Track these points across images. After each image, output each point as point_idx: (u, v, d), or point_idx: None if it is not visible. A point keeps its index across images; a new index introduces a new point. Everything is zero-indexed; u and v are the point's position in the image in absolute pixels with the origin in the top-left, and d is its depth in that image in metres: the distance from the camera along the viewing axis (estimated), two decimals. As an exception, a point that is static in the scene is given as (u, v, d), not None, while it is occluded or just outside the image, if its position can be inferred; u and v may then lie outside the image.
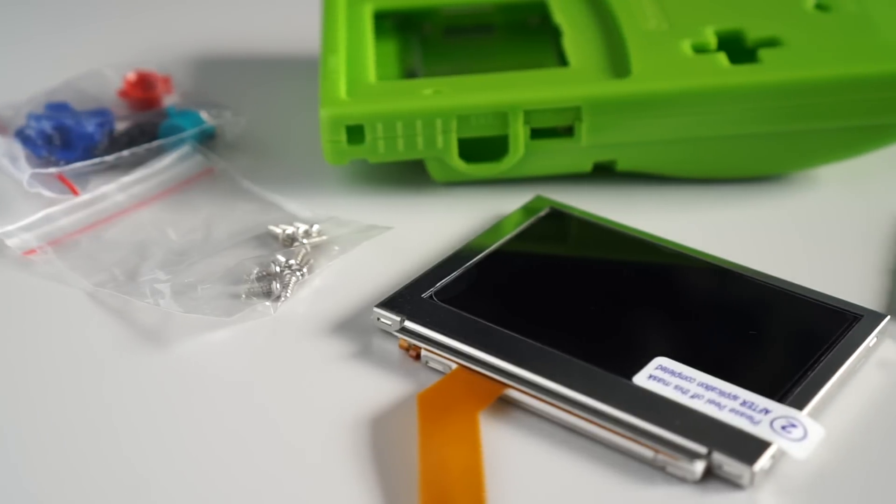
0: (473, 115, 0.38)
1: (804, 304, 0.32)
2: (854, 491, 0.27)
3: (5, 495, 0.27)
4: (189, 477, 0.28)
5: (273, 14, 0.53)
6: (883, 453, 0.28)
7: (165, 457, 0.28)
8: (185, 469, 0.28)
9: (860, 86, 0.37)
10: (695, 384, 0.29)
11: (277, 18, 0.53)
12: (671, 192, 0.39)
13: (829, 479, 0.28)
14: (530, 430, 0.29)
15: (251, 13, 0.54)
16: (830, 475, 0.28)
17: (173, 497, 0.27)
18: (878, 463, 0.28)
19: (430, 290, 0.33)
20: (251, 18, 0.53)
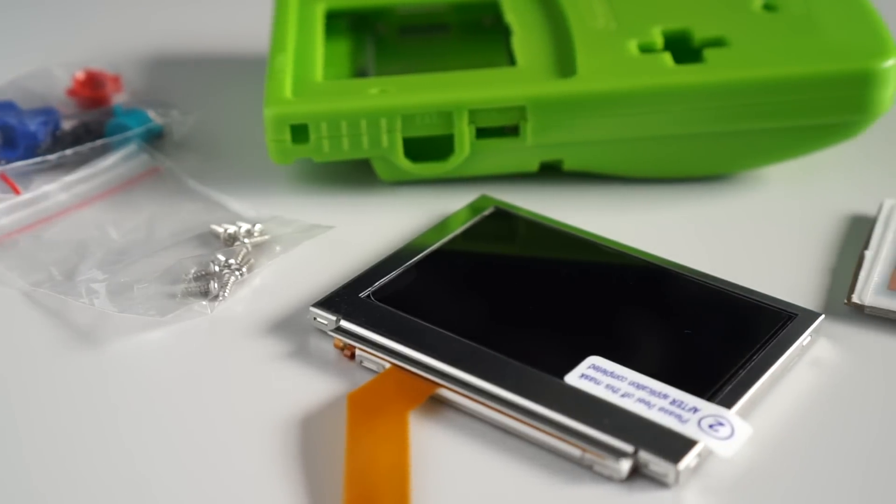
0: (418, 115, 0.38)
1: (740, 303, 0.32)
2: (779, 490, 0.27)
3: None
4: (120, 476, 0.28)
5: (226, 13, 0.53)
6: (809, 453, 0.28)
7: (97, 456, 0.28)
8: (116, 468, 0.28)
9: (803, 86, 0.37)
10: (626, 383, 0.29)
11: (230, 18, 0.53)
12: (618, 192, 0.39)
13: (755, 478, 0.28)
14: (462, 430, 0.29)
15: (204, 12, 0.53)
16: (757, 474, 0.28)
17: (102, 496, 0.27)
18: (803, 462, 0.28)
19: (368, 290, 0.33)
20: (204, 18, 0.53)
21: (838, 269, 0.35)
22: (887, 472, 0.28)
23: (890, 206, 0.37)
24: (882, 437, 0.29)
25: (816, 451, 0.28)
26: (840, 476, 0.28)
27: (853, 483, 0.28)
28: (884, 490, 0.27)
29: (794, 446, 0.29)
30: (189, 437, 0.29)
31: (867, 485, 0.28)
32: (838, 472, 0.28)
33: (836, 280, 0.35)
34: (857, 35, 0.39)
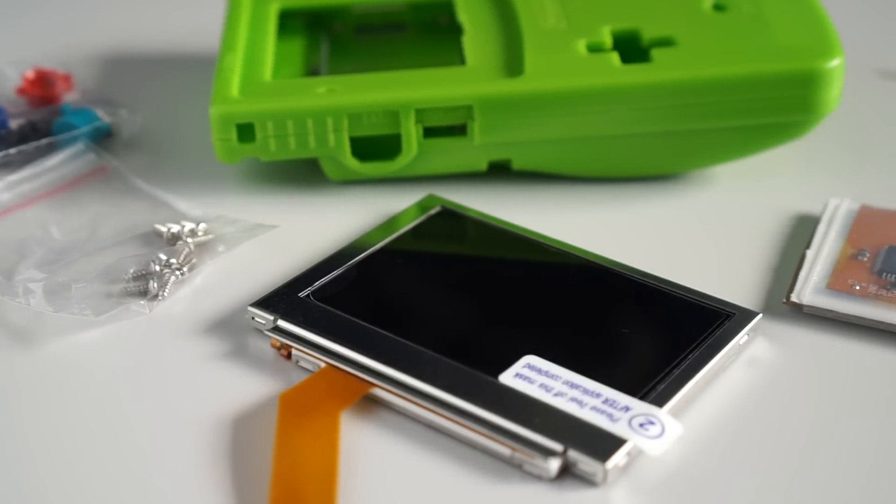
0: (365, 114, 0.38)
1: (679, 302, 0.32)
2: (707, 489, 0.27)
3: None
4: (51, 476, 0.28)
5: (179, 12, 0.53)
6: (739, 452, 0.28)
7: (29, 455, 0.28)
8: (48, 468, 0.28)
9: (749, 85, 0.37)
10: (560, 382, 0.29)
11: (184, 17, 0.52)
12: (567, 192, 0.39)
13: (684, 477, 0.28)
14: (395, 430, 0.29)
15: (157, 12, 0.53)
16: (686, 473, 0.28)
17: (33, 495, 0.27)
18: (733, 461, 0.28)
19: (308, 290, 0.33)
20: (157, 17, 0.53)
21: (780, 269, 0.35)
22: (817, 470, 0.28)
23: (834, 206, 0.37)
24: (813, 436, 0.29)
25: (747, 450, 0.29)
26: (769, 475, 0.28)
27: (782, 482, 0.28)
28: (813, 489, 0.27)
29: (725, 445, 0.29)
30: (120, 436, 0.29)
31: (796, 483, 0.28)
32: (768, 471, 0.28)
33: (777, 279, 0.35)
34: (804, 35, 0.39)
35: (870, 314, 0.32)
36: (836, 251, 0.35)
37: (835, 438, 0.29)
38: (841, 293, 0.33)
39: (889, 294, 0.33)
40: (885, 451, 0.29)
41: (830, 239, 0.35)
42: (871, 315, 0.32)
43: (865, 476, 0.28)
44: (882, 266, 0.34)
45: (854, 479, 0.28)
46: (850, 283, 0.33)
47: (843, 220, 0.36)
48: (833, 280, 0.33)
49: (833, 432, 0.29)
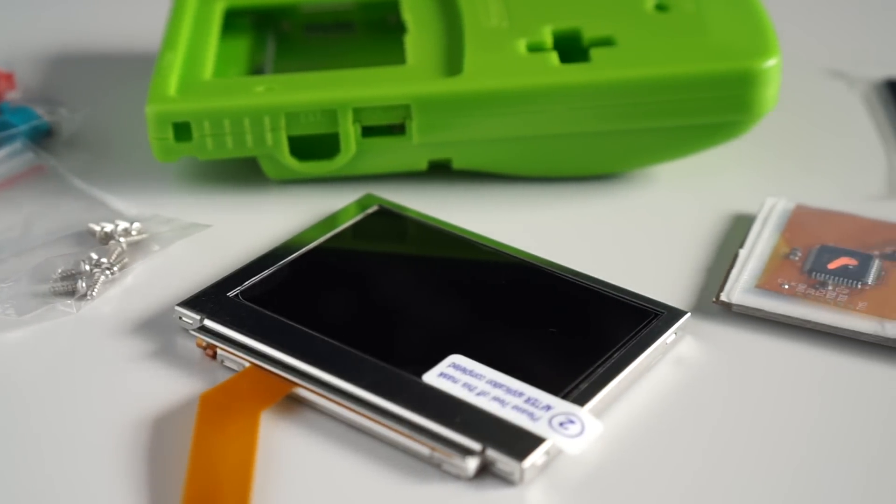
0: (302, 113, 0.38)
1: (608, 301, 0.33)
2: (626, 489, 0.27)
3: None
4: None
5: (125, 11, 0.53)
6: (660, 451, 0.29)
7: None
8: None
9: (686, 85, 0.37)
10: (483, 381, 0.29)
11: (130, 16, 0.52)
12: (508, 191, 0.39)
13: (604, 477, 0.28)
14: (317, 429, 0.29)
15: (102, 11, 0.53)
16: (606, 473, 0.28)
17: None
18: (653, 460, 0.28)
19: (237, 289, 0.33)
20: (102, 16, 0.52)
21: (714, 268, 0.35)
22: (738, 469, 0.28)
23: (770, 206, 0.37)
24: (735, 435, 0.29)
25: (667, 449, 0.29)
26: (689, 474, 0.28)
27: (701, 481, 0.28)
28: (733, 488, 0.27)
29: (646, 444, 0.29)
30: (38, 437, 0.29)
31: (715, 482, 0.28)
32: (687, 470, 0.28)
33: (710, 279, 0.35)
34: (742, 35, 0.39)
35: (797, 313, 0.32)
36: (769, 250, 0.35)
37: (757, 437, 0.29)
38: (770, 292, 0.33)
39: (817, 293, 0.33)
40: (808, 449, 0.29)
41: (764, 238, 0.36)
42: (798, 314, 0.32)
43: (789, 474, 0.28)
44: (812, 266, 0.34)
45: (777, 477, 0.28)
46: (779, 283, 0.33)
47: (777, 220, 0.36)
48: (763, 279, 0.34)
49: (755, 431, 0.29)
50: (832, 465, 0.28)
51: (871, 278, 0.33)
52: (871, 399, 0.30)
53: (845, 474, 0.28)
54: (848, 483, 0.28)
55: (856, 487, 0.28)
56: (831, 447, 0.29)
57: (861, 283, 0.33)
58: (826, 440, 0.29)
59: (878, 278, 0.33)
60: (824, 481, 0.28)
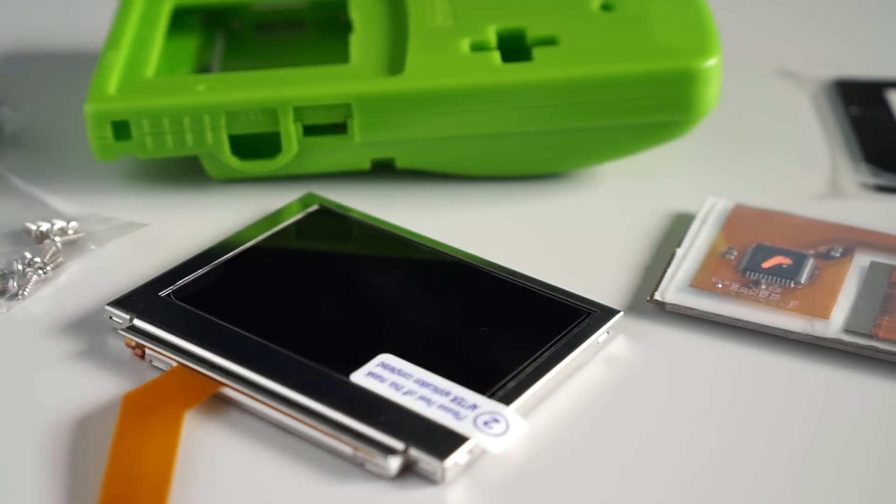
0: (242, 112, 0.37)
1: (541, 300, 0.33)
2: (549, 488, 0.27)
3: None
4: None
5: (70, 9, 0.52)
6: (586, 450, 0.28)
7: None
8: None
9: (627, 84, 0.37)
10: (411, 381, 0.29)
11: (76, 14, 0.52)
12: (452, 191, 0.39)
13: (528, 476, 0.28)
14: (243, 429, 0.29)
15: (47, 8, 0.52)
16: (530, 472, 0.28)
17: None
18: (579, 460, 0.28)
19: (170, 288, 0.32)
20: (47, 14, 0.52)
21: (652, 267, 0.35)
22: (664, 470, 0.28)
23: (710, 205, 0.37)
24: (662, 435, 0.29)
25: (594, 448, 0.29)
26: (614, 473, 0.28)
27: (626, 481, 0.28)
28: (656, 488, 0.27)
29: (573, 443, 0.29)
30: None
31: (639, 482, 0.28)
32: (613, 469, 0.28)
33: (647, 278, 0.35)
34: (685, 35, 0.39)
35: (729, 312, 0.32)
36: (706, 250, 0.35)
37: (684, 436, 0.29)
38: (703, 291, 0.33)
39: (750, 292, 0.33)
40: (735, 446, 0.29)
41: (701, 237, 0.36)
42: (730, 313, 0.32)
43: (717, 472, 0.28)
44: (747, 265, 0.34)
45: (705, 475, 0.28)
46: (713, 282, 0.33)
47: (716, 219, 0.36)
48: (697, 278, 0.34)
49: (682, 430, 0.29)
50: (760, 462, 0.28)
51: (804, 277, 0.33)
52: (800, 397, 0.30)
53: (774, 471, 0.28)
54: (777, 479, 0.28)
55: (785, 484, 0.28)
56: (759, 445, 0.29)
57: (794, 283, 0.33)
58: (754, 438, 0.29)
59: (812, 278, 0.33)
60: (753, 478, 0.28)
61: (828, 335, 0.31)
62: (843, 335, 0.31)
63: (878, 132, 0.43)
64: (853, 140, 0.43)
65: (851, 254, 0.34)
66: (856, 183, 0.40)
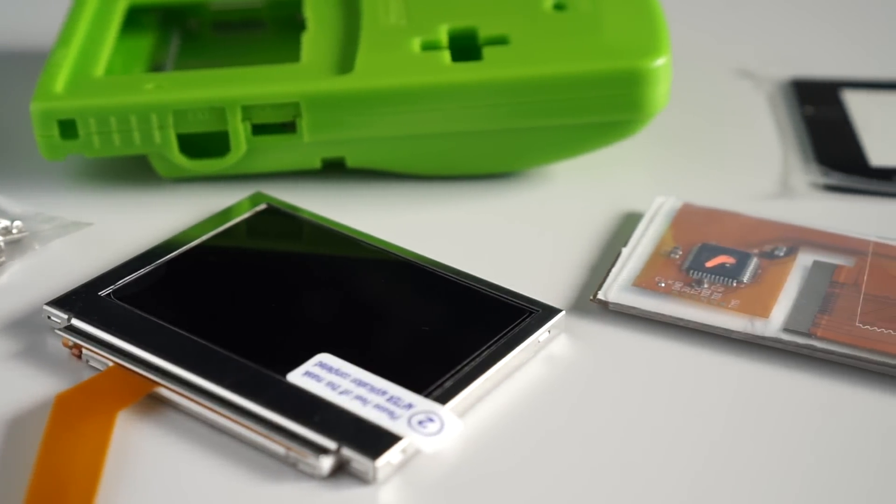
0: (190, 111, 0.37)
1: (484, 299, 0.32)
2: (482, 488, 0.27)
3: None
4: None
5: (23, 6, 0.52)
6: (521, 450, 0.28)
7: None
8: None
9: (576, 84, 0.37)
10: (348, 380, 0.29)
11: (28, 11, 0.51)
12: (403, 190, 0.39)
13: (461, 475, 0.28)
14: (178, 429, 0.29)
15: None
16: (464, 471, 0.28)
17: None
18: (514, 459, 0.28)
19: (110, 288, 0.32)
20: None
21: (598, 266, 0.35)
22: (599, 469, 0.28)
23: (658, 204, 0.37)
24: (600, 434, 0.29)
25: (530, 447, 0.29)
26: (549, 473, 0.28)
27: (560, 480, 0.28)
28: (590, 488, 0.27)
29: (509, 442, 0.29)
30: None
31: (573, 482, 0.28)
32: (548, 469, 0.28)
33: (593, 277, 0.35)
34: (635, 34, 0.39)
35: (671, 311, 0.32)
36: (651, 249, 0.35)
37: (622, 436, 0.29)
38: (646, 290, 0.33)
39: (692, 291, 0.33)
40: (675, 447, 0.29)
41: (648, 237, 0.36)
42: (671, 312, 0.32)
43: (656, 471, 0.28)
44: (690, 264, 0.34)
45: (643, 475, 0.28)
46: (656, 281, 0.33)
47: (663, 218, 0.37)
48: (641, 278, 0.34)
49: (621, 430, 0.29)
50: (698, 459, 0.28)
51: (746, 277, 0.33)
52: (739, 396, 0.30)
53: (710, 469, 0.28)
54: (715, 476, 0.28)
55: (724, 482, 0.28)
56: (697, 443, 0.29)
57: (736, 282, 0.33)
58: (692, 437, 0.29)
59: (754, 277, 0.33)
60: (692, 476, 0.28)
61: (767, 334, 0.31)
62: (781, 334, 0.31)
63: (831, 132, 0.43)
64: (806, 140, 0.43)
65: (795, 253, 0.34)
66: (806, 182, 0.40)
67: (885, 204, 0.39)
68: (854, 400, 0.30)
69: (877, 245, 0.34)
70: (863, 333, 0.31)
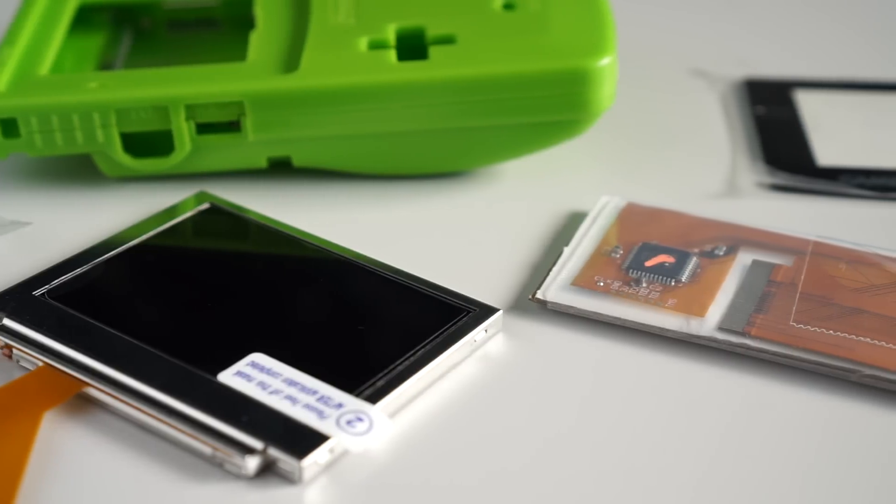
0: (133, 109, 0.37)
1: (422, 298, 0.32)
2: (410, 488, 0.27)
3: None
4: None
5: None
6: (453, 449, 0.28)
7: None
8: None
9: (521, 83, 0.37)
10: (279, 380, 0.29)
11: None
12: (350, 189, 0.39)
13: (389, 475, 0.28)
14: (106, 430, 0.28)
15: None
16: (393, 471, 0.28)
17: None
18: (444, 459, 0.28)
19: (45, 287, 0.32)
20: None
21: (541, 266, 0.35)
22: (529, 469, 0.28)
23: (603, 204, 0.37)
24: (532, 434, 0.29)
25: (461, 447, 0.28)
26: (479, 472, 0.28)
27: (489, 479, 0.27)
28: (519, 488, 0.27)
29: (440, 442, 0.29)
30: None
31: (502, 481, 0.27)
32: (478, 468, 0.28)
33: (534, 277, 0.35)
34: (581, 34, 0.39)
35: (608, 310, 0.32)
36: (592, 248, 0.35)
37: (556, 435, 0.29)
38: (584, 290, 0.33)
39: (630, 291, 0.33)
40: (610, 446, 0.29)
41: (590, 236, 0.36)
42: (608, 311, 0.32)
43: (588, 471, 0.28)
44: (630, 263, 0.34)
45: (576, 476, 0.28)
46: (595, 280, 0.33)
47: (607, 218, 0.37)
48: (580, 277, 0.34)
49: (555, 429, 0.29)
50: (633, 458, 0.28)
51: (685, 276, 0.33)
52: (675, 395, 0.30)
53: (644, 467, 0.28)
54: (651, 475, 0.28)
55: (659, 479, 0.28)
56: (631, 442, 0.29)
57: (675, 281, 0.33)
58: (626, 436, 0.29)
59: (693, 276, 0.33)
60: (626, 474, 0.28)
61: (702, 333, 0.31)
62: (716, 333, 0.31)
63: (780, 131, 0.43)
64: (755, 139, 0.43)
65: (735, 252, 0.34)
66: (752, 182, 0.40)
67: (829, 204, 0.39)
68: (788, 399, 0.30)
69: (816, 244, 0.35)
70: (796, 332, 0.31)
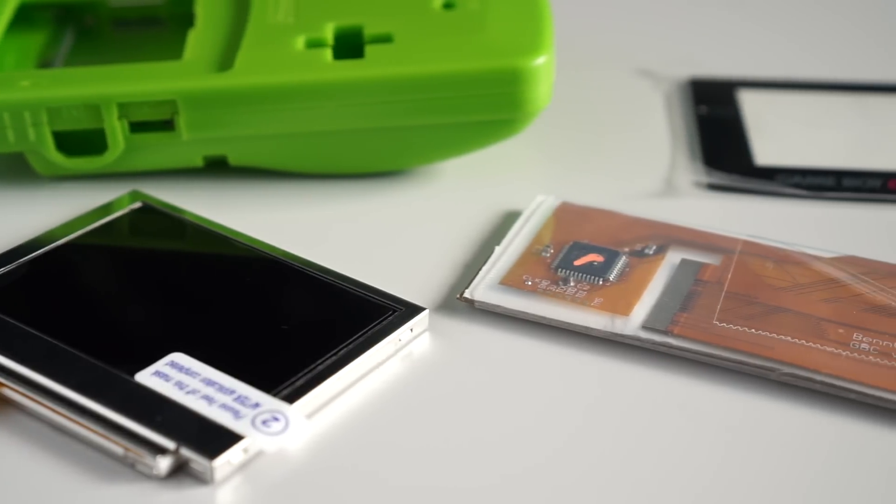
0: (65, 108, 0.37)
1: (348, 297, 0.32)
2: (325, 488, 0.27)
3: None
4: None
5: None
6: (371, 449, 0.28)
7: None
8: None
9: (455, 83, 0.37)
10: (197, 380, 0.29)
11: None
12: (286, 188, 0.39)
13: (305, 475, 0.27)
14: (18, 430, 0.28)
15: None
16: (308, 471, 0.27)
17: None
18: (362, 459, 0.28)
19: (-34, 287, 0.32)
20: None
21: (472, 265, 0.35)
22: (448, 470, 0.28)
23: (538, 203, 0.37)
24: (453, 435, 0.29)
25: (380, 446, 0.28)
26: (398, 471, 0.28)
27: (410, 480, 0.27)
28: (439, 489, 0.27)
29: (358, 442, 0.28)
30: None
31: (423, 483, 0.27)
32: (398, 466, 0.28)
33: (465, 276, 0.35)
34: (518, 33, 0.39)
35: (534, 310, 0.32)
36: (524, 247, 0.35)
37: (477, 436, 0.29)
38: (512, 289, 0.33)
39: (557, 290, 0.33)
40: (533, 444, 0.28)
41: (522, 235, 0.36)
42: (535, 310, 0.32)
43: (511, 472, 0.28)
44: (559, 262, 0.34)
45: (499, 475, 0.28)
46: (524, 279, 0.33)
47: (540, 217, 0.37)
48: (509, 276, 0.34)
49: (477, 429, 0.29)
50: (555, 457, 0.28)
51: (613, 275, 0.33)
52: (600, 394, 0.30)
53: (569, 465, 0.28)
54: (573, 474, 0.28)
55: (582, 478, 0.27)
56: (554, 441, 0.29)
57: (602, 280, 0.33)
58: (547, 435, 0.29)
59: (621, 275, 0.33)
60: (548, 472, 0.28)
61: (626, 332, 0.31)
62: (640, 332, 0.31)
63: (721, 131, 0.43)
64: (696, 139, 0.43)
65: (665, 251, 0.35)
66: (690, 182, 0.40)
67: (764, 203, 0.39)
68: (710, 398, 0.30)
69: (746, 244, 0.35)
70: (719, 331, 0.31)
